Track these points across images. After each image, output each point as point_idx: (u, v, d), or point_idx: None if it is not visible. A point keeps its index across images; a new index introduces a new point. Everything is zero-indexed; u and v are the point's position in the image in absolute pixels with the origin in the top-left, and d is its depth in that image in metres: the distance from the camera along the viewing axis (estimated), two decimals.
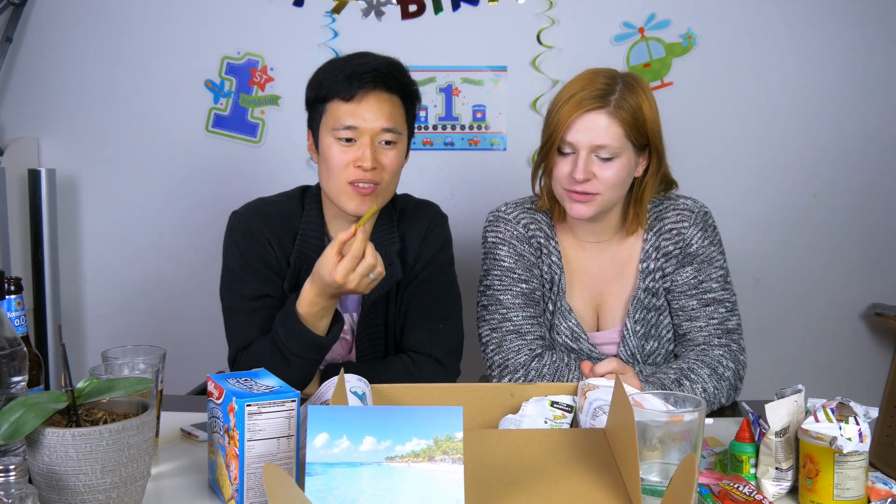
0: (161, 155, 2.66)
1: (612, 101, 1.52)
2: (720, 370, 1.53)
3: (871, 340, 2.67)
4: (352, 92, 1.49)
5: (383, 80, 1.51)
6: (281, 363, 1.47)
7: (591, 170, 1.52)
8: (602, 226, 1.65)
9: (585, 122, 1.52)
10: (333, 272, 1.39)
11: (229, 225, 1.63)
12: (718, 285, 1.61)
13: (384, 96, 1.52)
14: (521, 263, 1.64)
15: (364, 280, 1.41)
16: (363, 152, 1.49)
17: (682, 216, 1.63)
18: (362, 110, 1.50)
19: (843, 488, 1.05)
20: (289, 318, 1.47)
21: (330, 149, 1.52)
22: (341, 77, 1.50)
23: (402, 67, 1.57)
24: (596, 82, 1.54)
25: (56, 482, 0.97)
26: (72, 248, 2.70)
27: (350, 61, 1.53)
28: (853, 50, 2.56)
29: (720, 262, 1.64)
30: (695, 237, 1.62)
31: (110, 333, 2.72)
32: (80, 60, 2.64)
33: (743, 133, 2.59)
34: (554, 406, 1.26)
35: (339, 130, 1.50)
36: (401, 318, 1.65)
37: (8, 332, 1.06)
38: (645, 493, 0.99)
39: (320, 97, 1.53)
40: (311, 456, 0.90)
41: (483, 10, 2.58)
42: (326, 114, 1.53)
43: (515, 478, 1.00)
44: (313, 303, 1.46)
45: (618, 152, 1.52)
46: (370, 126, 1.50)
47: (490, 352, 1.60)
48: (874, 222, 2.63)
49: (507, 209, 1.69)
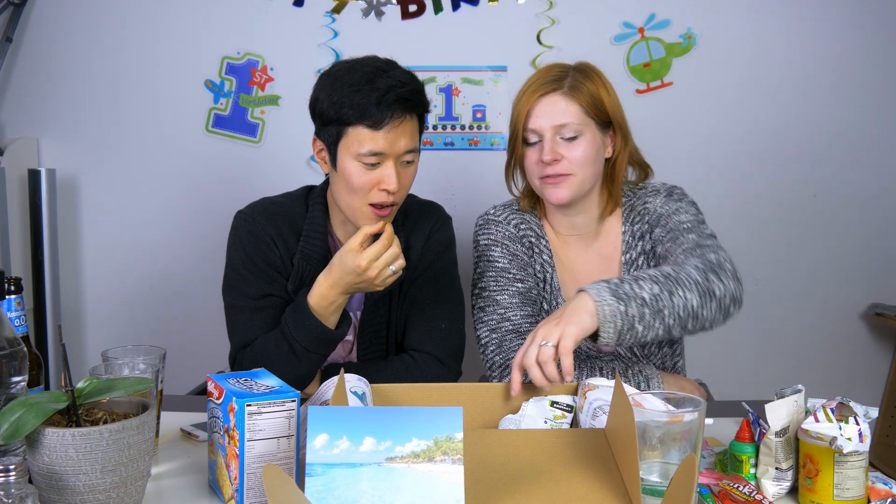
0: (161, 155, 2.66)
1: (567, 84, 1.58)
2: (709, 256, 1.45)
3: (871, 340, 2.67)
4: (381, 122, 1.44)
5: (410, 106, 1.48)
6: (288, 356, 1.48)
7: (558, 151, 1.56)
8: (583, 217, 1.67)
9: (543, 105, 1.58)
10: (358, 257, 1.41)
11: (234, 224, 1.63)
12: (688, 219, 1.60)
13: (408, 120, 1.49)
14: (515, 263, 1.65)
15: (385, 271, 1.43)
16: (388, 175, 1.47)
17: (648, 196, 1.67)
18: (390, 138, 1.46)
19: (843, 488, 1.05)
20: (300, 310, 1.48)
21: (352, 171, 1.49)
22: (368, 104, 1.44)
23: (421, 85, 1.53)
24: (550, 72, 1.61)
25: (56, 482, 0.97)
26: (72, 248, 2.71)
27: (373, 84, 1.45)
28: (853, 49, 2.56)
29: (689, 210, 1.63)
30: (657, 204, 1.65)
31: (110, 333, 2.72)
32: (80, 60, 2.64)
33: (743, 133, 2.59)
34: (554, 406, 1.26)
35: (365, 156, 1.47)
36: (403, 317, 1.65)
37: (8, 332, 1.06)
38: (645, 493, 0.99)
39: (342, 120, 1.47)
40: (311, 456, 0.90)
41: (483, 10, 2.58)
42: (348, 137, 1.47)
43: (515, 478, 1.00)
44: (325, 296, 1.47)
45: (580, 129, 1.57)
46: (395, 149, 1.47)
47: (490, 352, 1.60)
48: (874, 222, 2.63)
49: (495, 212, 1.72)
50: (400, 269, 1.45)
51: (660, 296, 1.32)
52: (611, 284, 1.31)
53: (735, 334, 2.67)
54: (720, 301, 1.39)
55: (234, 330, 1.60)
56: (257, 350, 1.53)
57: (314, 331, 1.47)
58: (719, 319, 1.41)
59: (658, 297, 1.32)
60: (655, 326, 1.32)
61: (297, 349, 1.48)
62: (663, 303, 1.32)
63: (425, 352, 1.60)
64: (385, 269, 1.43)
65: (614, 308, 1.28)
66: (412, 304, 1.64)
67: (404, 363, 1.59)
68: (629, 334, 1.31)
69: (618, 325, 1.29)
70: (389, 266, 1.43)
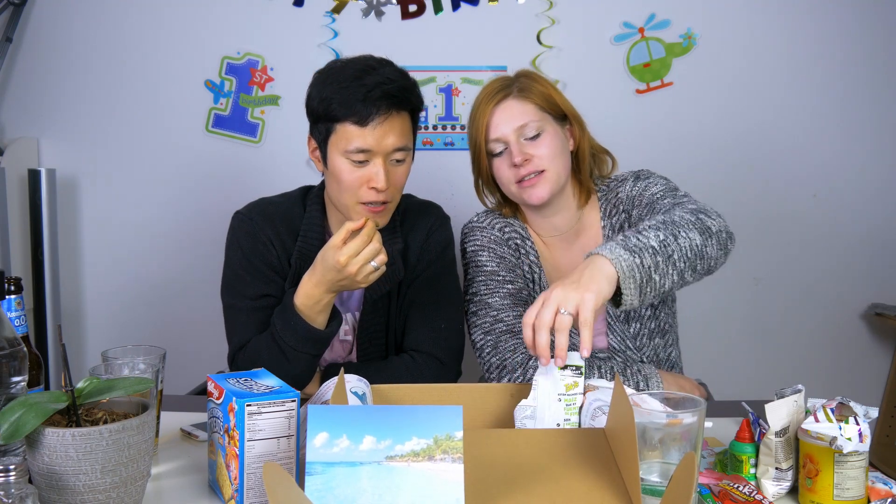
0: (161, 155, 2.66)
1: (515, 88, 1.63)
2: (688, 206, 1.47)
3: (871, 340, 2.67)
4: (367, 118, 1.45)
5: (397, 102, 1.48)
6: (278, 357, 1.48)
7: (526, 151, 1.60)
8: (562, 216, 1.70)
9: (499, 113, 1.62)
10: (338, 253, 1.38)
11: (232, 225, 1.63)
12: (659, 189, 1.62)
13: (396, 117, 1.48)
14: (503, 266, 1.66)
15: (366, 267, 1.40)
16: (376, 173, 1.48)
17: (619, 186, 1.70)
18: (377, 134, 1.46)
19: (843, 488, 1.05)
20: (286, 310, 1.48)
21: (341, 168, 1.50)
22: (354, 100, 1.45)
23: (412, 83, 1.53)
24: (495, 84, 1.66)
25: (56, 482, 0.97)
26: (72, 248, 2.71)
27: (361, 80, 1.46)
28: (853, 49, 2.56)
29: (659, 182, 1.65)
30: (627, 189, 1.67)
31: (110, 333, 2.72)
32: (80, 60, 2.64)
33: (742, 133, 2.59)
34: (564, 371, 1.21)
35: (352, 153, 1.48)
36: (402, 317, 1.65)
37: (8, 332, 1.06)
38: (645, 493, 0.99)
39: (330, 116, 1.48)
40: (311, 455, 0.90)
41: (483, 10, 2.58)
42: (336, 133, 1.48)
43: (515, 477, 1.00)
44: (310, 294, 1.46)
45: (541, 126, 1.61)
46: (383, 147, 1.47)
47: (486, 354, 1.60)
48: (874, 222, 2.63)
49: (479, 219, 1.74)
50: (381, 264, 1.41)
51: (666, 241, 1.31)
52: (619, 241, 1.29)
53: (735, 334, 2.67)
54: (718, 236, 1.40)
55: (233, 330, 1.60)
56: (251, 351, 1.53)
57: (299, 330, 1.47)
58: (721, 257, 1.42)
59: (665, 243, 1.31)
60: (670, 273, 1.30)
61: (285, 349, 1.48)
62: (671, 247, 1.31)
63: (425, 352, 1.60)
64: (366, 266, 1.40)
65: (631, 262, 1.25)
66: (411, 305, 1.64)
67: (404, 363, 1.58)
68: (648, 287, 1.28)
69: (637, 278, 1.25)
70: (370, 262, 1.40)
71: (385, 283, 1.57)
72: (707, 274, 1.41)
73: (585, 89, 2.51)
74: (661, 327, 1.68)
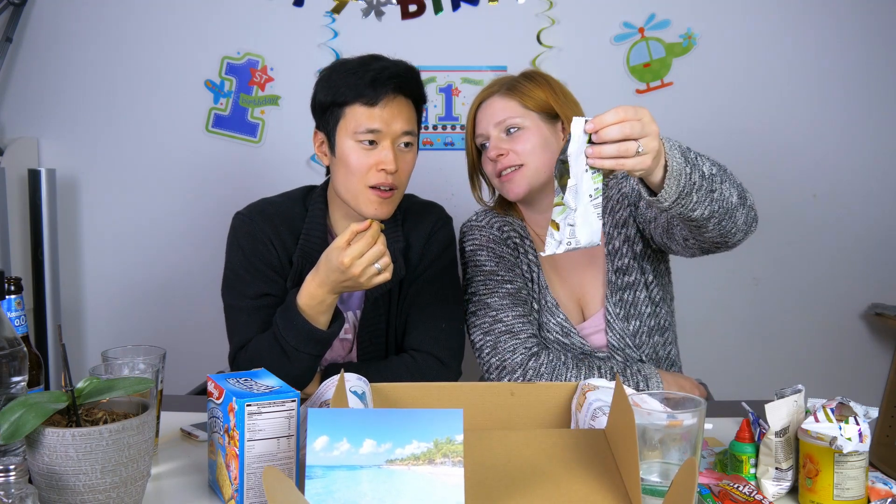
0: (161, 155, 2.66)
1: (504, 87, 1.67)
2: None
3: (871, 340, 2.67)
4: (376, 97, 1.50)
5: (404, 85, 1.53)
6: (280, 357, 1.48)
7: (501, 146, 1.63)
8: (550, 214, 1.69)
9: (483, 110, 1.67)
10: (342, 255, 1.38)
11: (233, 225, 1.64)
12: None
13: (404, 101, 1.54)
14: (502, 265, 1.66)
15: (369, 269, 1.40)
16: (385, 154, 1.50)
17: (621, 183, 1.71)
18: (385, 114, 1.50)
19: (843, 488, 1.05)
20: (288, 310, 1.48)
21: (350, 152, 1.52)
22: (364, 82, 1.49)
23: (418, 73, 1.59)
24: (492, 84, 1.70)
25: (56, 482, 0.97)
26: (72, 248, 2.71)
27: (369, 65, 1.52)
28: (853, 49, 2.56)
29: None
30: (633, 184, 1.66)
31: (110, 333, 2.72)
32: (80, 60, 2.64)
33: (742, 133, 2.59)
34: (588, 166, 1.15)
35: (362, 134, 1.51)
36: (403, 316, 1.65)
37: (8, 332, 1.06)
38: (645, 493, 0.99)
39: (338, 101, 1.52)
40: (311, 459, 0.90)
41: (483, 10, 2.58)
42: (346, 117, 1.52)
43: (515, 479, 1.00)
44: (313, 295, 1.46)
45: (521, 123, 1.63)
46: (392, 129, 1.51)
47: (486, 355, 1.60)
48: (874, 222, 2.63)
49: (477, 218, 1.75)
50: (385, 266, 1.41)
51: (714, 177, 1.29)
52: (677, 144, 1.26)
53: (735, 334, 2.67)
54: (748, 210, 1.38)
55: (233, 330, 1.60)
56: (252, 351, 1.53)
57: (302, 330, 1.47)
58: (742, 230, 1.39)
59: (713, 178, 1.29)
60: (704, 204, 1.28)
61: (286, 349, 1.48)
62: (715, 185, 1.29)
63: (425, 351, 1.60)
64: (369, 268, 1.39)
65: (681, 167, 1.23)
66: (412, 304, 1.64)
67: (404, 363, 1.59)
68: (685, 200, 1.25)
69: (681, 183, 1.23)
70: (374, 264, 1.40)
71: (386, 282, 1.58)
72: (722, 239, 1.38)
73: (585, 89, 2.48)
74: (660, 325, 1.68)
